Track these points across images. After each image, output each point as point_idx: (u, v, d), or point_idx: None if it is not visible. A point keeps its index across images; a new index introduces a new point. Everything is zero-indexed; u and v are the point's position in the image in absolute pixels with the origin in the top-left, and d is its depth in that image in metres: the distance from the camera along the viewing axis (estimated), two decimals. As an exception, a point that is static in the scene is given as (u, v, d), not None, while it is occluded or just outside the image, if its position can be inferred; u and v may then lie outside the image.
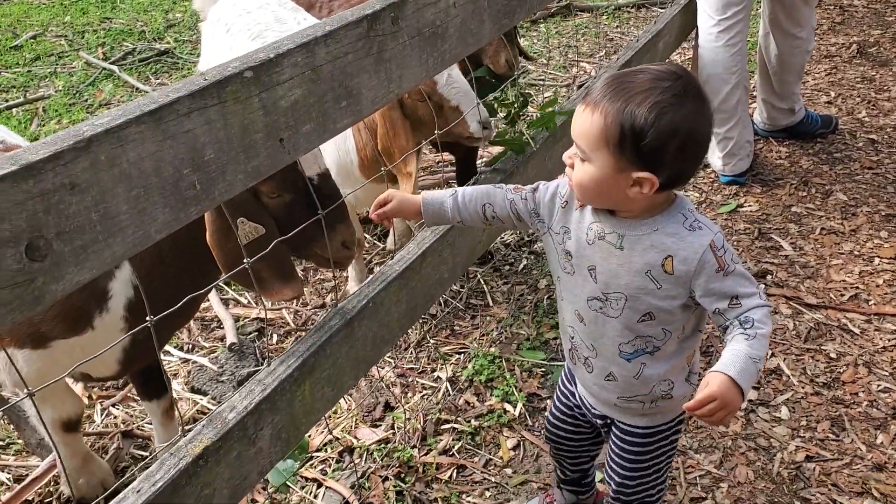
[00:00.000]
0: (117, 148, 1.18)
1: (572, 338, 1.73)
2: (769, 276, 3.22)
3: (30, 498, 2.33)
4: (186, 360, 2.87)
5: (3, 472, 2.46)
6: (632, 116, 1.40)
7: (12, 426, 2.59)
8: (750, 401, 2.63)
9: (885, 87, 4.84)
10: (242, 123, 1.40)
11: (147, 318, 1.42)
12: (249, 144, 1.43)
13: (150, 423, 2.60)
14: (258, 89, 1.42)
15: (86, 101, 5.20)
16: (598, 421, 1.83)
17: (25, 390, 1.99)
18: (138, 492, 1.45)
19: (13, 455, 2.54)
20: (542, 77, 5.30)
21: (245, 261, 1.66)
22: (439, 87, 2.45)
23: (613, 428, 1.80)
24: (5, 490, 2.39)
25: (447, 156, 4.19)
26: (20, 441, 2.57)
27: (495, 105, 2.75)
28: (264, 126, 1.45)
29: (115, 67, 5.53)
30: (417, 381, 2.78)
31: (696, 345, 1.68)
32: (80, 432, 2.23)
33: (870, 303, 3.05)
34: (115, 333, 1.94)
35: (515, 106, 2.60)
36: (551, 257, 1.72)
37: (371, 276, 2.02)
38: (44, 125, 4.90)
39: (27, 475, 2.41)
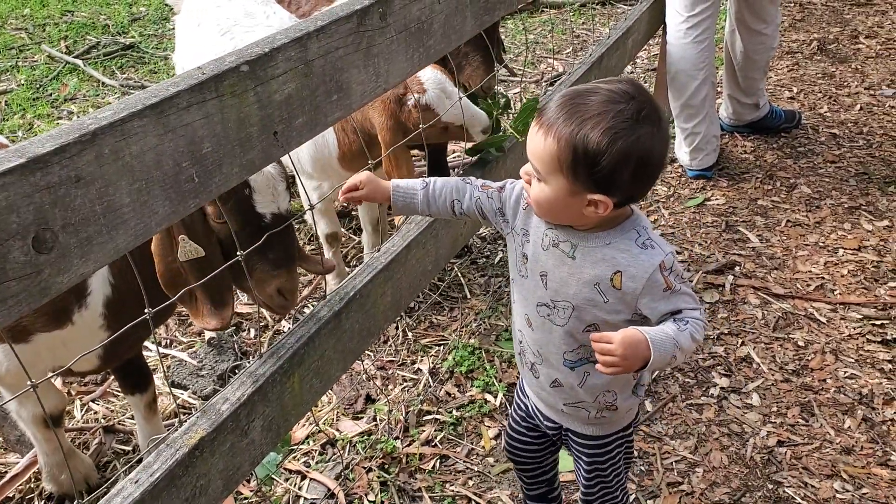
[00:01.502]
0: (121, 141, 1.19)
1: (520, 342, 1.73)
2: (737, 268, 3.30)
3: (10, 495, 2.32)
4: (166, 356, 2.86)
5: (-18, 469, 2.45)
6: (585, 141, 1.37)
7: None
8: (722, 388, 2.71)
9: (845, 84, 4.97)
10: (239, 117, 1.41)
11: (146, 311, 1.43)
12: (245, 138, 1.45)
13: (132, 419, 2.59)
14: (254, 83, 1.43)
15: (50, 95, 5.12)
16: (551, 431, 1.82)
17: (12, 384, 1.99)
18: (136, 482, 1.46)
19: (-9, 453, 2.52)
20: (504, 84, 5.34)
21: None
22: (444, 119, 2.45)
23: (570, 440, 1.80)
24: (-15, 487, 2.38)
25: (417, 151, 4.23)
26: (-1, 438, 2.55)
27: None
28: (259, 120, 1.47)
29: (79, 61, 5.45)
30: (398, 374, 2.81)
31: None
32: (62, 428, 2.22)
33: (835, 292, 3.14)
34: (94, 329, 1.94)
35: (499, 109, 2.63)
36: (511, 258, 1.71)
37: (358, 268, 2.04)
38: (7, 119, 4.82)
39: (6, 472, 2.39)
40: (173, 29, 5.75)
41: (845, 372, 2.75)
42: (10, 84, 5.29)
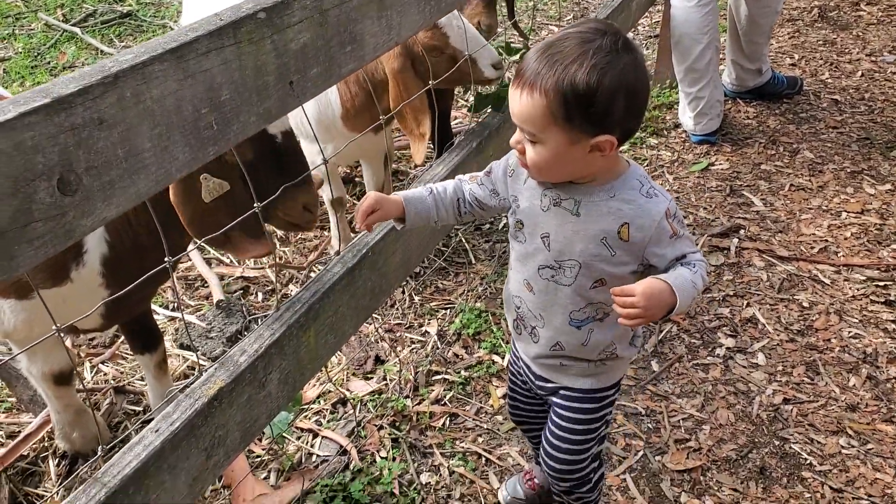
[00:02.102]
0: (142, 84, 1.18)
1: (518, 308, 1.71)
2: (742, 231, 3.31)
3: (25, 453, 2.33)
4: (173, 318, 2.86)
5: (-5, 429, 2.46)
6: (573, 85, 1.35)
7: (2, 383, 2.58)
8: (728, 348, 2.72)
9: (846, 50, 4.96)
10: (256, 65, 1.41)
11: (165, 260, 1.43)
12: (262, 86, 1.44)
13: (141, 380, 2.61)
14: (270, 31, 1.42)
15: (48, 63, 5.09)
16: (542, 392, 1.82)
17: (13, 341, 1.99)
18: (156, 431, 1.47)
19: (3, 412, 2.53)
20: (512, 40, 5.31)
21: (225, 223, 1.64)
22: (452, 41, 2.45)
23: (555, 400, 1.78)
24: (-1, 446, 2.39)
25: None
26: (11, 399, 2.55)
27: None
28: (276, 68, 1.46)
29: (77, 29, 5.41)
30: (406, 336, 2.82)
31: None
32: (73, 386, 2.22)
33: (839, 255, 3.16)
34: (93, 288, 1.93)
35: (514, 54, 2.64)
36: (510, 228, 1.70)
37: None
38: (7, 87, 4.78)
39: (20, 432, 2.40)
40: (171, -3, 5.70)
41: (849, 332, 2.77)
42: (9, 52, 5.25)
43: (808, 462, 2.31)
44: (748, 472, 2.29)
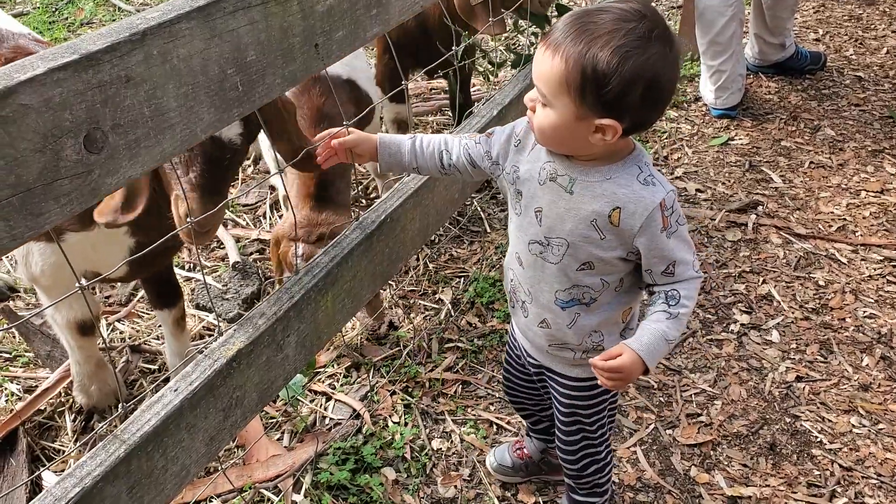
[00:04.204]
0: (169, 43, 1.18)
1: (512, 280, 1.70)
2: (760, 207, 3.29)
3: (42, 408, 2.36)
4: (190, 279, 2.88)
5: (12, 383, 2.48)
6: (594, 61, 1.32)
7: (19, 338, 2.61)
8: (742, 324, 2.72)
9: (872, 26, 4.88)
10: (282, 26, 1.40)
11: (188, 220, 1.43)
12: (287, 48, 1.43)
13: (157, 339, 2.63)
14: (297, -8, 1.41)
15: (66, 19, 5.07)
16: (534, 370, 1.82)
17: (40, 287, 2.01)
18: (176, 391, 1.48)
19: (21, 367, 2.56)
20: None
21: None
22: None
23: (550, 382, 1.78)
24: (16, 400, 2.42)
25: (441, 83, 4.20)
26: (29, 353, 2.58)
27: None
28: (302, 30, 1.45)
29: (95, -15, 5.38)
30: (419, 303, 2.82)
31: (634, 302, 1.64)
32: (95, 337, 2.24)
33: (856, 234, 3.14)
34: (119, 235, 1.93)
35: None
36: (508, 199, 1.68)
37: (388, 193, 2.04)
38: (24, 44, 4.77)
39: (37, 387, 2.43)
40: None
41: (864, 311, 2.76)
42: (27, 7, 5.23)
43: (818, 440, 2.32)
44: (758, 448, 2.30)
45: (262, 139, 2.18)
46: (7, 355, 2.61)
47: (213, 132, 1.32)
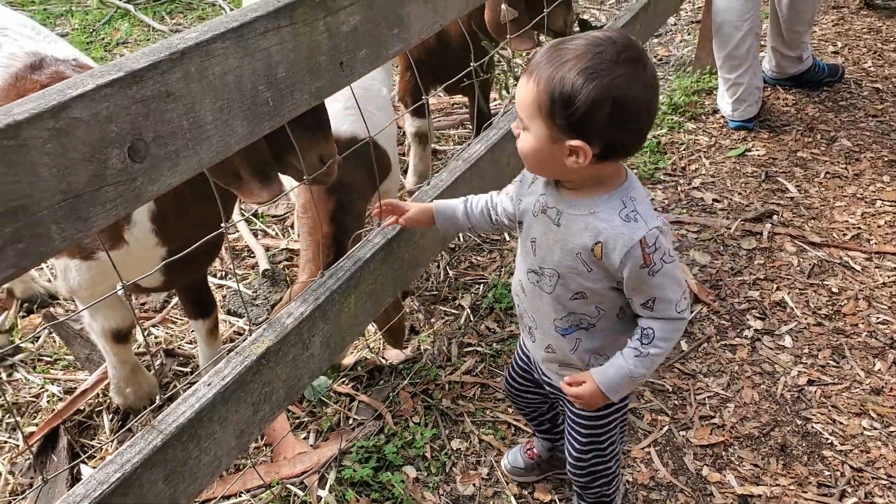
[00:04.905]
0: (205, 61, 1.28)
1: (518, 305, 1.77)
2: (775, 216, 3.35)
3: (81, 408, 2.48)
4: (222, 286, 3.00)
5: (53, 384, 2.61)
6: (561, 83, 1.36)
7: (59, 342, 2.74)
8: (756, 330, 2.78)
9: (892, 38, 4.92)
10: (309, 45, 1.50)
11: (222, 225, 1.53)
12: (315, 66, 1.54)
13: (189, 343, 2.74)
14: (323, 13, 1.52)
15: (103, 39, 5.25)
16: (548, 388, 1.87)
17: (85, 298, 2.13)
18: (209, 385, 1.58)
19: (62, 370, 2.69)
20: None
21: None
22: None
23: (565, 402, 1.85)
24: (57, 401, 2.54)
25: (463, 98, 4.30)
26: (69, 356, 2.71)
27: None
28: (328, 49, 1.56)
29: (130, 7, 5.58)
30: (440, 309, 2.92)
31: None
32: (130, 344, 2.36)
33: (871, 242, 3.18)
34: (150, 246, 2.01)
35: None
36: None
37: (409, 201, 2.14)
38: (62, 63, 4.96)
39: (76, 388, 2.55)
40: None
41: (878, 318, 2.81)
42: (66, 28, 5.43)
43: (829, 441, 2.37)
44: (769, 449, 2.36)
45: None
46: (48, 358, 2.74)
47: (245, 144, 1.43)
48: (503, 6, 2.66)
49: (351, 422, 2.45)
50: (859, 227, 3.27)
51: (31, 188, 1.07)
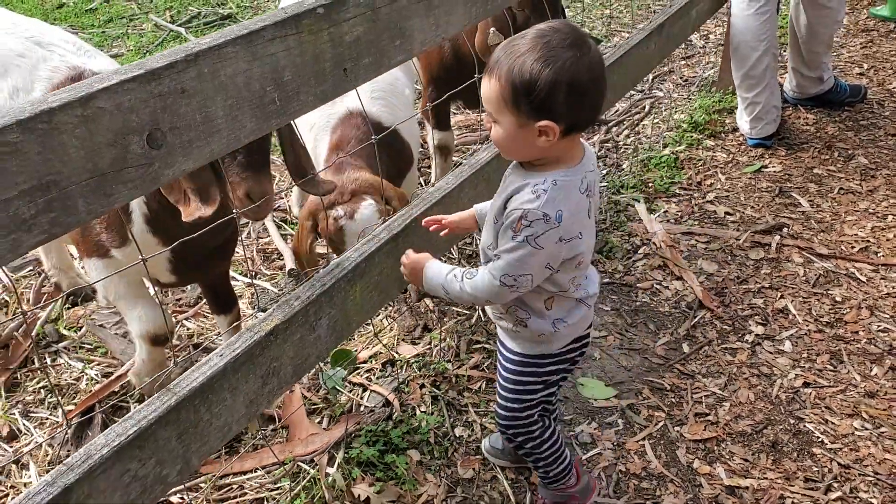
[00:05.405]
0: (217, 63, 1.47)
1: None
2: (785, 229, 3.44)
3: (115, 390, 2.69)
4: (251, 284, 3.21)
5: (92, 369, 2.84)
6: (520, 73, 1.57)
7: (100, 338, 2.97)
8: (757, 335, 2.88)
9: (919, 61, 4.97)
10: (314, 52, 1.69)
11: (233, 211, 1.71)
12: (319, 71, 1.72)
13: (218, 335, 2.94)
14: (327, 24, 1.70)
15: (154, 59, 5.57)
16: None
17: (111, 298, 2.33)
18: (221, 356, 1.76)
19: (101, 355, 2.92)
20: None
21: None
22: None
23: (498, 353, 2.08)
24: (94, 384, 2.76)
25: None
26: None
27: None
28: (332, 56, 1.74)
29: (181, 30, 5.90)
30: (453, 309, 3.07)
31: (558, 297, 1.85)
32: (165, 347, 2.52)
33: (879, 254, 3.26)
34: (153, 246, 2.17)
35: None
36: None
37: (415, 200, 2.31)
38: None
39: (112, 372, 2.77)
40: (268, 1, 6.12)
41: (879, 326, 2.89)
42: (122, 49, 5.77)
43: (819, 440, 2.46)
44: (760, 446, 2.45)
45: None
46: (89, 346, 2.97)
47: (253, 138, 1.62)
48: (491, 29, 2.85)
49: (362, 409, 2.61)
50: (868, 241, 3.34)
51: (62, 166, 1.26)
